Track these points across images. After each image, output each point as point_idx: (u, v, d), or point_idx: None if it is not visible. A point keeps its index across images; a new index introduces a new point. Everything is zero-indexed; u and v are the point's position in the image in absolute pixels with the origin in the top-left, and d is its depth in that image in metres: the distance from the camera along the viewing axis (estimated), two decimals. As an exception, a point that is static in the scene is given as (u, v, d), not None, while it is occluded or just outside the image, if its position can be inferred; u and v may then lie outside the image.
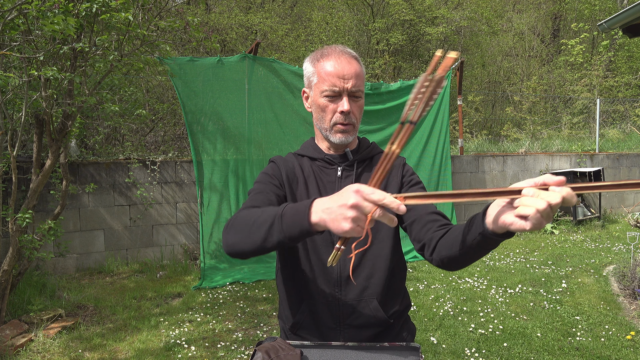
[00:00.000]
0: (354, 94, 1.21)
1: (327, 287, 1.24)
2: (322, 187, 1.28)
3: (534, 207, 0.72)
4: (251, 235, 0.98)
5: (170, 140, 6.75)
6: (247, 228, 1.00)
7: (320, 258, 1.25)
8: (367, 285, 1.24)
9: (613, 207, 8.33)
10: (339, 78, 1.19)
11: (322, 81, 1.21)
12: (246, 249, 1.01)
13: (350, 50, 1.24)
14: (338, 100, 1.21)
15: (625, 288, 4.23)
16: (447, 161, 6.45)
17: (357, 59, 1.24)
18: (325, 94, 1.21)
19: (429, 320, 3.67)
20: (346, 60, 1.20)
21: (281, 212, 0.93)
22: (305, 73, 1.28)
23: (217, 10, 11.64)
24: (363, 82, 1.24)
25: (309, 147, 1.35)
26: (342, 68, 1.19)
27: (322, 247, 1.25)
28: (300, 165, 1.33)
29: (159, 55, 4.28)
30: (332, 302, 1.24)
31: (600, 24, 4.55)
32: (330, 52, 1.22)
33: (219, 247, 5.18)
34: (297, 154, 1.36)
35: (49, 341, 3.24)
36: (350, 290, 1.23)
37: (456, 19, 12.30)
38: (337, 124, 1.23)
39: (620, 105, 11.36)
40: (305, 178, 1.30)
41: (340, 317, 1.24)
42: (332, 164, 1.30)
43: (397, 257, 1.29)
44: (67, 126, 3.48)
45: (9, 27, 2.90)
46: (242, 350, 3.17)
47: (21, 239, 3.32)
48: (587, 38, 13.76)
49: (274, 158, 1.35)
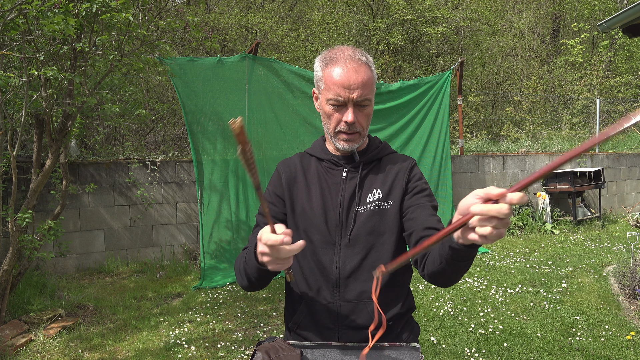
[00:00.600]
0: (360, 104, 1.19)
1: (326, 288, 1.24)
2: (327, 188, 1.28)
3: (487, 227, 0.74)
4: (244, 280, 1.18)
5: (170, 140, 6.75)
6: (239, 274, 1.20)
7: (319, 259, 1.25)
8: (366, 288, 1.23)
9: (613, 207, 8.33)
10: (345, 88, 1.16)
11: (328, 89, 1.19)
12: (252, 289, 1.21)
13: (360, 56, 1.20)
14: (343, 109, 1.19)
15: (625, 288, 4.23)
16: (447, 161, 6.46)
17: (368, 64, 1.20)
18: (330, 102, 1.19)
19: (429, 320, 3.67)
20: (354, 69, 1.16)
21: (245, 259, 1.14)
22: (315, 74, 1.26)
23: (217, 10, 11.64)
24: (372, 89, 1.21)
25: (317, 147, 1.35)
26: (348, 78, 1.16)
27: (320, 248, 1.25)
28: (306, 166, 1.33)
29: (159, 55, 4.28)
30: (331, 303, 1.24)
31: (600, 24, 4.55)
32: (339, 58, 1.18)
33: (219, 247, 5.18)
34: (307, 153, 1.37)
35: (49, 341, 3.24)
36: (349, 292, 1.23)
37: (456, 19, 12.30)
38: (341, 132, 1.22)
39: (620, 105, 11.36)
40: (309, 180, 1.30)
41: (338, 317, 1.24)
42: (338, 165, 1.29)
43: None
44: (67, 126, 3.48)
45: (9, 27, 2.90)
46: (242, 350, 3.17)
47: (21, 239, 3.32)
48: (587, 38, 13.76)
49: (279, 163, 1.37)
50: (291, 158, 1.37)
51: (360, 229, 1.23)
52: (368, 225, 1.23)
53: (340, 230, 1.24)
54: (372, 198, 1.25)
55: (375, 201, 1.24)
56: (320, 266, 1.25)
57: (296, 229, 1.28)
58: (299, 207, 1.28)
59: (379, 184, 1.26)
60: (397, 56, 12.50)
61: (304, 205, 1.27)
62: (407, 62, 12.80)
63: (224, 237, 5.22)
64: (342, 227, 1.24)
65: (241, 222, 5.30)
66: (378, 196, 1.24)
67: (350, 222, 1.23)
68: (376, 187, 1.26)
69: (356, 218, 1.23)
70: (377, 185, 1.26)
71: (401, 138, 6.20)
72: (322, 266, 1.24)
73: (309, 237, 1.26)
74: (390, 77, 11.61)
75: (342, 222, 1.24)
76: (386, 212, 1.23)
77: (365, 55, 1.21)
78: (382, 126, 6.07)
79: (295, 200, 1.29)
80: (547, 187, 7.40)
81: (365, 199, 1.25)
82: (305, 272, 1.27)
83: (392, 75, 11.76)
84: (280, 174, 1.33)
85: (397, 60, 12.34)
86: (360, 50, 1.22)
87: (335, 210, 1.25)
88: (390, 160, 1.31)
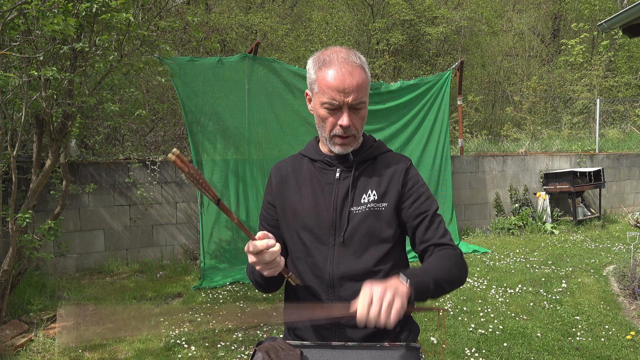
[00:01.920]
0: (355, 107, 1.17)
1: (320, 288, 1.24)
2: (320, 188, 1.27)
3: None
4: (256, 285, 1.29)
5: (170, 140, 6.75)
6: (252, 280, 1.29)
7: (313, 260, 1.24)
8: (360, 288, 1.23)
9: (613, 207, 8.33)
10: (339, 92, 1.14)
11: (322, 92, 1.17)
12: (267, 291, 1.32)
13: (355, 58, 1.17)
14: (338, 113, 1.18)
15: (625, 288, 4.23)
16: (447, 161, 6.45)
17: (362, 66, 1.18)
18: (325, 106, 1.17)
19: (429, 320, 3.67)
20: (348, 72, 1.14)
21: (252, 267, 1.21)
22: (308, 76, 1.24)
23: (217, 10, 11.64)
24: (366, 91, 1.19)
25: (311, 148, 1.35)
26: (342, 81, 1.13)
27: (313, 249, 1.24)
28: (298, 167, 1.33)
29: (159, 55, 4.28)
30: (326, 303, 1.23)
31: (600, 24, 4.55)
32: (333, 60, 1.16)
33: (219, 247, 5.18)
34: (301, 154, 1.37)
35: (49, 341, 3.24)
36: (343, 291, 1.22)
37: (456, 19, 12.30)
38: (336, 136, 1.20)
39: (620, 105, 11.36)
40: (301, 180, 1.30)
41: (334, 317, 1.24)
42: (331, 165, 1.28)
43: (397, 258, 1.26)
44: (67, 126, 3.48)
45: (9, 27, 2.90)
46: (242, 350, 3.17)
47: (21, 239, 3.32)
48: (587, 38, 13.75)
49: (272, 167, 1.38)
50: (284, 160, 1.37)
51: (355, 229, 1.22)
52: (363, 226, 1.22)
53: (334, 231, 1.23)
54: (366, 199, 1.23)
55: (371, 202, 1.23)
56: (314, 266, 1.24)
57: (289, 230, 1.27)
58: (290, 209, 1.28)
59: (373, 185, 1.25)
60: (397, 56, 12.49)
61: (296, 206, 1.27)
62: (407, 62, 12.80)
63: (224, 237, 5.22)
64: (335, 227, 1.23)
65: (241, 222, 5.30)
66: (373, 197, 1.23)
67: (344, 222, 1.22)
68: (371, 188, 1.25)
69: (350, 218, 1.23)
70: (372, 186, 1.25)
71: (401, 138, 6.20)
72: (316, 266, 1.23)
73: (301, 238, 1.25)
74: (390, 77, 11.61)
75: (335, 222, 1.23)
76: (381, 213, 1.23)
77: (359, 56, 1.20)
78: (382, 126, 6.07)
79: (286, 202, 1.28)
80: (547, 187, 7.40)
81: (359, 199, 1.24)
82: (299, 273, 1.27)
83: (392, 75, 11.76)
84: (271, 179, 1.34)
85: (397, 60, 12.34)
86: (354, 52, 1.20)
87: (329, 211, 1.24)
88: (385, 159, 1.30)
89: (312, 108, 1.26)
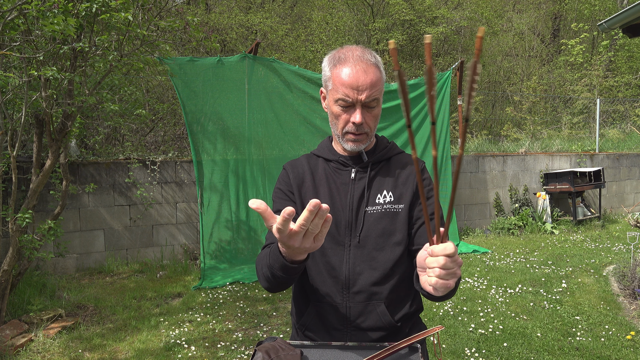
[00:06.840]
0: (368, 104, 1.18)
1: (335, 289, 1.23)
2: (335, 189, 1.27)
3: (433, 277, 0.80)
4: (270, 283, 1.12)
5: (170, 140, 6.75)
6: (262, 278, 1.15)
7: (328, 260, 1.24)
8: (376, 290, 1.22)
9: (613, 207, 8.33)
10: (353, 89, 1.15)
11: (336, 89, 1.18)
12: (279, 290, 1.16)
13: (370, 56, 1.18)
14: (351, 110, 1.19)
15: (625, 288, 4.23)
16: (447, 161, 6.46)
17: (377, 64, 1.18)
18: (338, 103, 1.18)
19: (429, 320, 3.67)
20: (362, 70, 1.15)
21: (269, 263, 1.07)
22: (323, 74, 1.25)
23: (217, 10, 11.64)
24: (380, 90, 1.20)
25: (324, 148, 1.35)
26: (356, 79, 1.15)
27: (329, 249, 1.24)
28: (313, 167, 1.32)
29: (159, 55, 4.28)
30: (340, 305, 1.23)
31: (600, 24, 4.55)
32: (348, 58, 1.17)
33: (219, 247, 5.18)
34: (314, 154, 1.36)
35: (49, 341, 3.24)
36: (359, 292, 1.22)
37: (456, 19, 12.30)
38: (349, 133, 1.21)
39: (620, 105, 11.36)
40: (317, 180, 1.29)
41: (347, 319, 1.23)
42: (346, 165, 1.28)
43: (409, 261, 1.26)
44: (67, 126, 3.48)
45: (9, 27, 2.90)
46: (242, 350, 3.17)
47: (21, 239, 3.32)
48: (587, 38, 13.76)
49: (285, 164, 1.36)
50: (298, 159, 1.37)
51: (370, 229, 1.22)
52: (379, 226, 1.22)
53: (350, 231, 1.23)
54: (382, 200, 1.24)
55: (387, 203, 1.24)
56: (329, 267, 1.23)
57: None
58: None
59: (389, 186, 1.26)
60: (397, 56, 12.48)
61: None
62: (407, 62, 12.79)
63: (224, 237, 5.22)
64: (351, 227, 1.23)
65: (241, 222, 5.31)
66: (389, 199, 1.24)
67: (360, 222, 1.23)
68: (386, 189, 1.25)
69: (365, 218, 1.23)
70: (388, 187, 1.25)
71: (401, 138, 6.20)
72: (332, 267, 1.23)
73: None
74: (390, 77, 11.61)
75: (351, 222, 1.23)
76: (397, 215, 1.23)
77: (375, 55, 1.20)
78: (382, 126, 6.07)
79: (304, 201, 1.28)
80: (547, 187, 7.40)
81: (374, 199, 1.24)
82: (313, 273, 1.26)
83: (392, 75, 11.75)
84: (288, 173, 1.33)
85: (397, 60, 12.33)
86: (370, 51, 1.21)
87: (345, 211, 1.24)
88: (399, 160, 1.31)
89: (326, 105, 1.27)
